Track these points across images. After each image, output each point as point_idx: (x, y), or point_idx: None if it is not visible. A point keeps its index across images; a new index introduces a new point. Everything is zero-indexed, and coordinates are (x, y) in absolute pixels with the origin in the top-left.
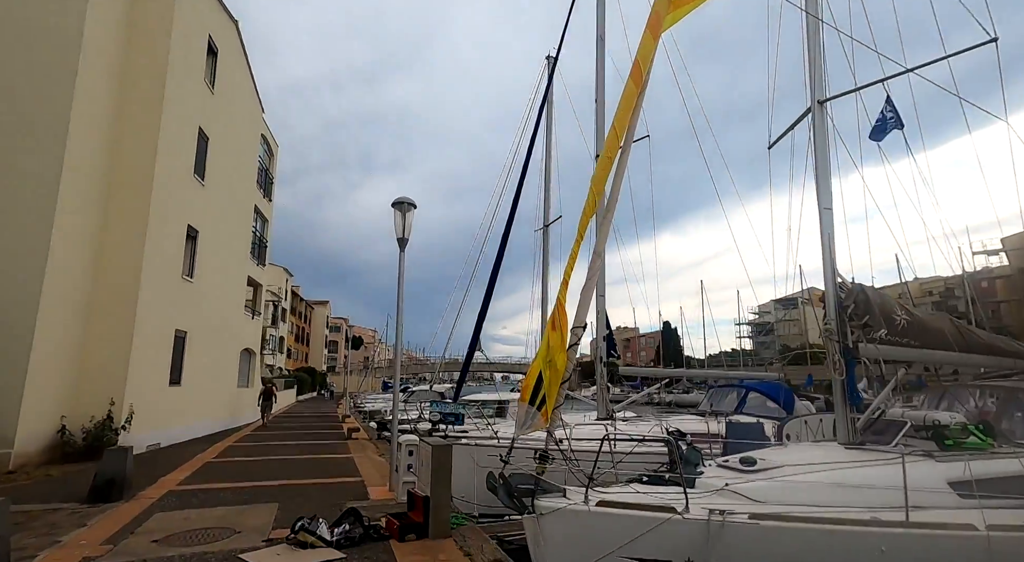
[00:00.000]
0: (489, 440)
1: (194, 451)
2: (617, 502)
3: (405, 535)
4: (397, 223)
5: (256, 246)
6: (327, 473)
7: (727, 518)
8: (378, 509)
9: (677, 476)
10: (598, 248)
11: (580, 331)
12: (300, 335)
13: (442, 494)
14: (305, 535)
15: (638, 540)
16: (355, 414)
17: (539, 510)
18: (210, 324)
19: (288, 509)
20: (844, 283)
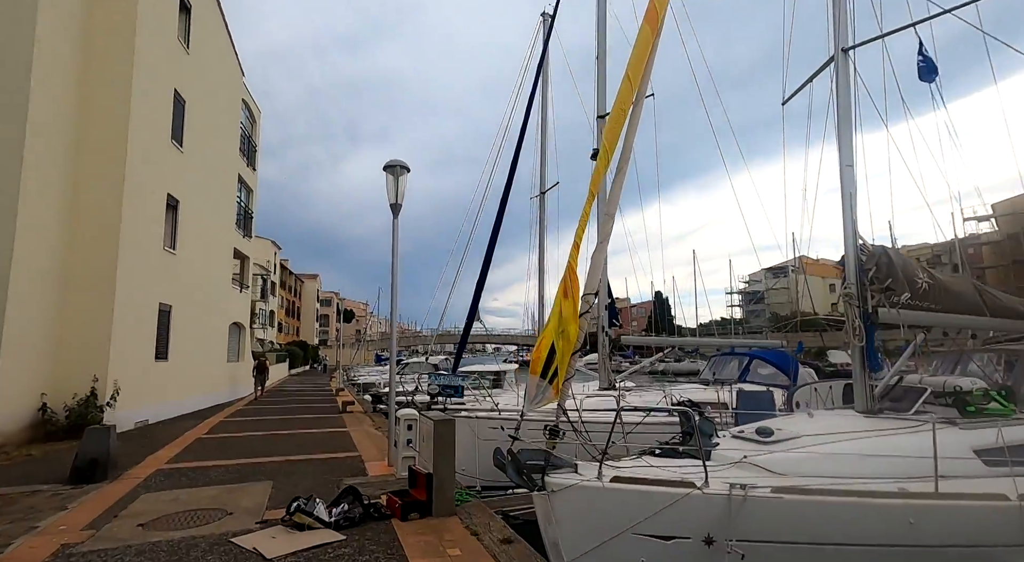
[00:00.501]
0: (489, 412)
1: (184, 427)
2: (632, 477)
3: (408, 514)
4: (390, 188)
5: (241, 217)
6: (323, 448)
7: (749, 492)
8: (377, 486)
9: (692, 448)
10: (610, 209)
11: (592, 298)
12: (291, 309)
13: (446, 471)
14: (301, 516)
15: (655, 517)
16: (349, 387)
17: (550, 487)
18: (196, 297)
19: (283, 487)
20: (865, 245)
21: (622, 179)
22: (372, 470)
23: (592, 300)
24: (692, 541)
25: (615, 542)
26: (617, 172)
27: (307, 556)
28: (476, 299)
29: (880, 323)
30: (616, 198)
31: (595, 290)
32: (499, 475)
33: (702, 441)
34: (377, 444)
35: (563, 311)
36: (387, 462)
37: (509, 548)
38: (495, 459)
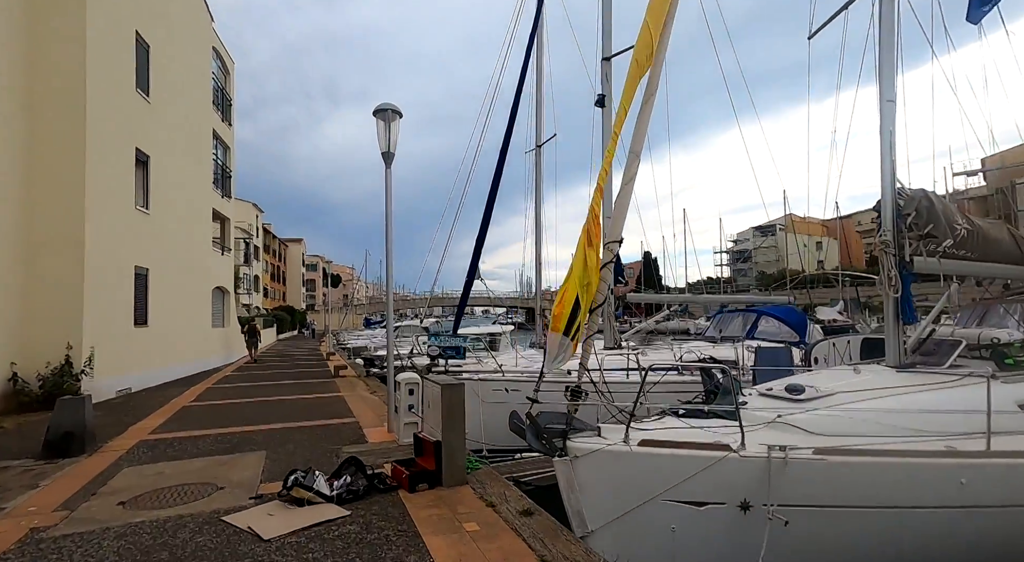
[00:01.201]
0: (493, 374)
1: (169, 395)
2: (662, 440)
3: (416, 485)
4: (380, 134)
5: (219, 176)
6: (317, 415)
7: (790, 454)
8: (380, 454)
9: (721, 408)
10: (635, 147)
11: (616, 246)
12: (276, 274)
13: (455, 438)
14: (300, 491)
15: (688, 482)
16: (340, 351)
17: (573, 452)
18: (175, 260)
19: (277, 458)
20: (903, 189)
21: (648, 115)
22: (372, 437)
23: (616, 249)
24: (727, 507)
25: (643, 509)
26: (643, 106)
27: (308, 535)
28: (476, 256)
29: (914, 273)
30: (642, 136)
31: (619, 238)
32: (507, 438)
33: (727, 401)
34: (374, 409)
35: (587, 260)
36: (387, 428)
37: (530, 521)
38: (511, 423)
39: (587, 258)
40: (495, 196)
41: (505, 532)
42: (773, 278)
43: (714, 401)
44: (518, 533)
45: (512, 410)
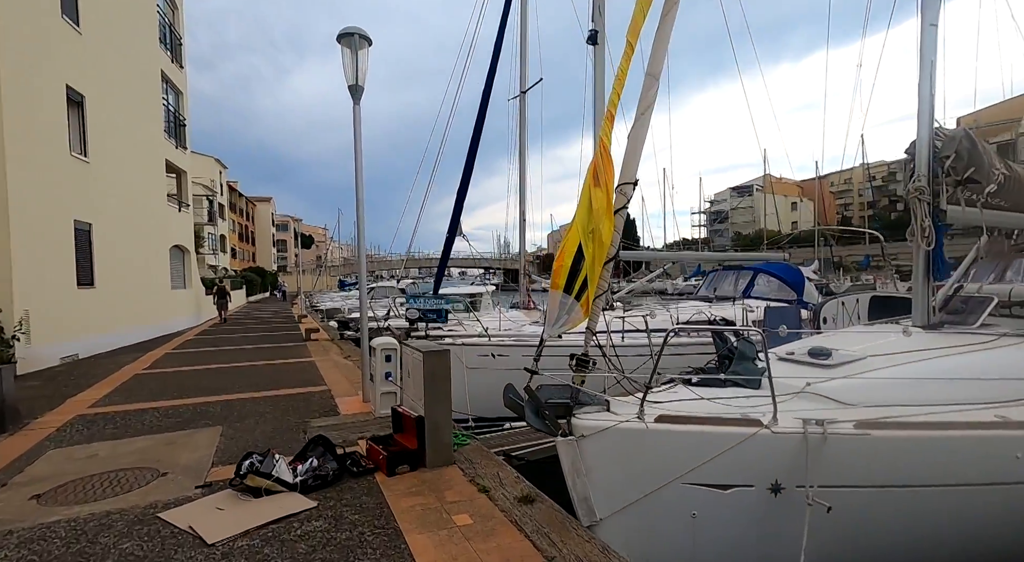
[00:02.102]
0: (478, 338)
1: (121, 362)
2: (682, 416)
3: (395, 467)
4: (347, 65)
5: (172, 124)
6: (285, 382)
7: (829, 429)
8: (353, 428)
9: (743, 377)
10: (653, 68)
11: (631, 190)
12: (244, 234)
13: (441, 412)
14: (256, 479)
15: (712, 462)
16: (312, 314)
17: (579, 430)
18: (124, 215)
19: (235, 435)
20: (942, 128)
21: (669, 29)
22: (345, 408)
23: (630, 192)
24: (756, 489)
25: (660, 494)
26: (663, 18)
27: (264, 536)
28: (457, 212)
29: (948, 224)
30: (661, 55)
31: (633, 179)
32: (494, 407)
33: (744, 367)
34: (348, 375)
35: (594, 203)
36: (362, 397)
37: (532, 510)
38: (506, 398)
39: (593, 200)
40: (477, 144)
41: (503, 526)
42: (749, 239)
43: (729, 367)
44: (519, 527)
45: (507, 383)
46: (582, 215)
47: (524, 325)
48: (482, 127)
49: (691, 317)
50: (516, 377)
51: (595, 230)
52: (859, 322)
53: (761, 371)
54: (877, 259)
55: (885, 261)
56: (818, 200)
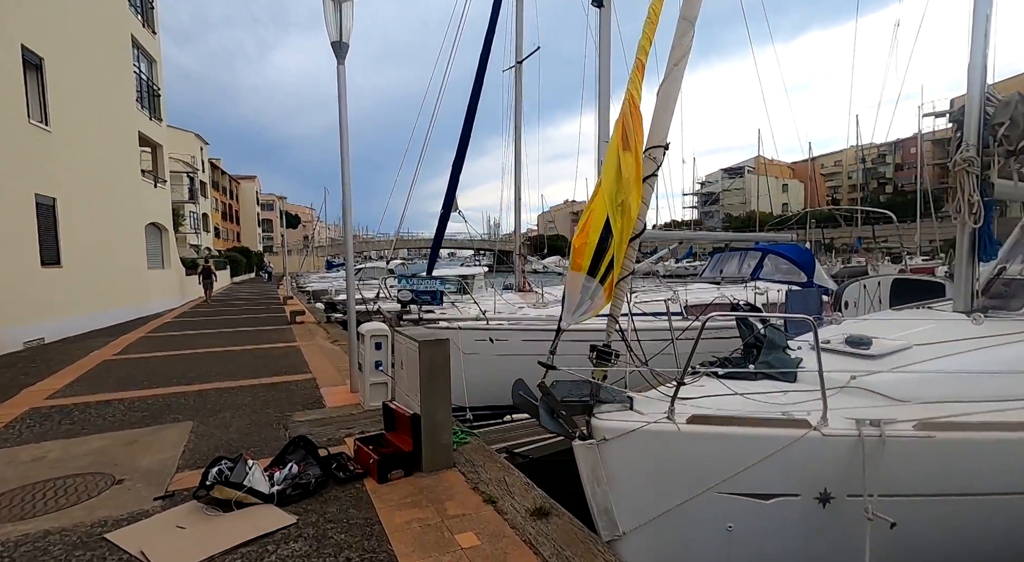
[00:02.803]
0: (475, 321)
1: (91, 346)
2: (718, 416)
3: (387, 472)
4: (330, 21)
5: (145, 94)
6: (267, 370)
7: (887, 430)
8: (340, 424)
9: (778, 369)
10: (689, 11)
11: (661, 154)
12: (228, 213)
13: (440, 410)
14: (225, 490)
15: (752, 469)
16: (298, 295)
17: (601, 433)
18: (92, 190)
19: (207, 432)
20: (994, 93)
21: None
22: (331, 399)
23: (660, 157)
24: (801, 499)
25: (691, 505)
26: None
27: None
28: (453, 185)
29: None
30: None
31: (664, 142)
32: (493, 396)
33: (776, 357)
34: (335, 362)
35: (624, 170)
36: (349, 387)
37: (547, 526)
38: (515, 394)
39: (622, 166)
40: (475, 111)
41: (516, 549)
42: (740, 221)
43: (756, 356)
44: (535, 549)
45: (516, 379)
46: (610, 184)
47: (521, 307)
48: (480, 92)
49: (711, 300)
50: (517, 364)
51: (624, 202)
52: (881, 306)
53: (796, 362)
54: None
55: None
56: (812, 181)
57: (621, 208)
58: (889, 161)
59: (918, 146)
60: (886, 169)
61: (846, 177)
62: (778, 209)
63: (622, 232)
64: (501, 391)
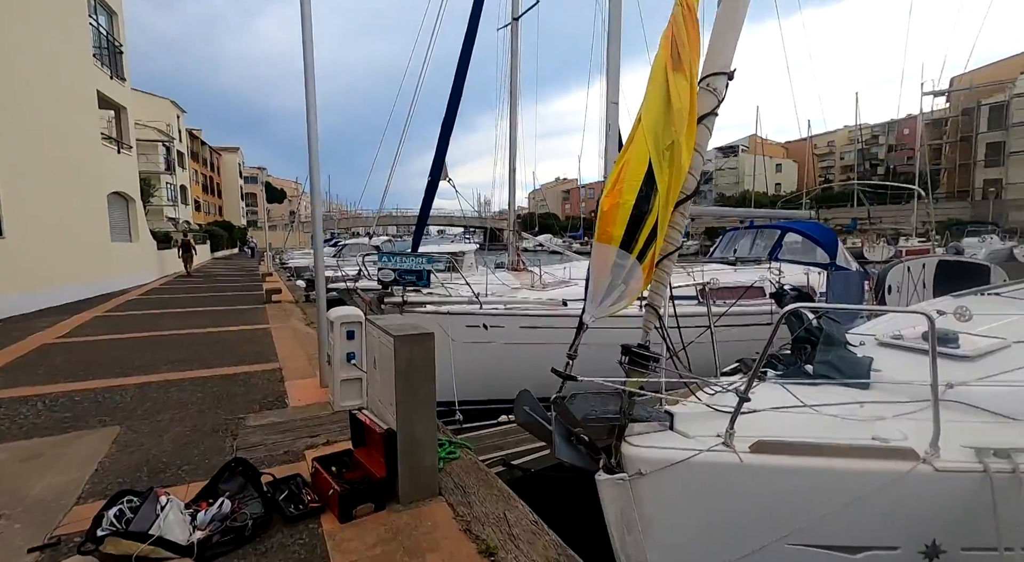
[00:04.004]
0: (467, 305)
1: (35, 327)
2: (790, 443)
3: (352, 508)
4: None
5: (105, 50)
6: (228, 357)
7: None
8: (303, 429)
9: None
10: None
11: (723, 86)
12: (209, 185)
13: (421, 425)
14: (122, 542)
15: (838, 514)
16: (280, 272)
17: (635, 464)
18: (39, 155)
19: (134, 441)
20: None
21: None
22: (296, 395)
23: (723, 89)
24: (901, 554)
25: (755, 560)
26: None
27: None
28: (441, 151)
29: None
30: None
31: (728, 68)
32: (483, 389)
33: (835, 354)
34: (307, 348)
35: (674, 99)
36: (319, 380)
37: None
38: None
39: (672, 93)
40: (466, 69)
41: None
42: (734, 200)
43: (811, 354)
44: None
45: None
46: (654, 118)
47: (515, 288)
48: (472, 47)
49: (749, 283)
50: (515, 354)
51: (674, 145)
52: (924, 291)
53: (868, 364)
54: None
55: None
56: (809, 158)
57: (670, 154)
58: (882, 142)
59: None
60: (879, 150)
61: (839, 158)
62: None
63: (669, 189)
64: (496, 384)
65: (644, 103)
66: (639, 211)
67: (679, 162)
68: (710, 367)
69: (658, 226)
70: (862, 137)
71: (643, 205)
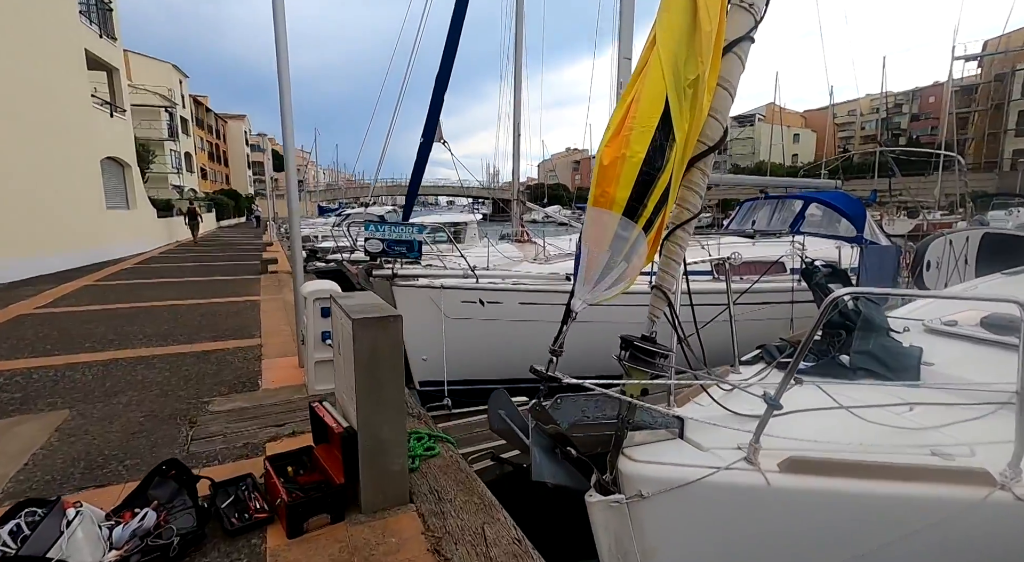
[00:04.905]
0: (462, 278)
1: (18, 296)
2: (830, 462)
3: (303, 520)
4: None
5: (93, 7)
6: (208, 332)
7: None
8: (271, 417)
9: (886, 364)
10: None
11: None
12: (215, 153)
13: (387, 425)
14: None
15: (889, 549)
16: (283, 241)
17: (635, 484)
18: (25, 116)
19: (80, 428)
20: None
21: None
22: (271, 376)
23: (763, 7)
24: None
25: None
26: None
27: None
28: (435, 109)
29: None
30: None
31: None
32: (477, 369)
33: (883, 343)
34: (294, 323)
35: (702, 20)
36: (299, 361)
37: None
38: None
39: (700, 9)
40: (463, 14)
41: None
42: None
43: (847, 342)
44: None
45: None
46: (675, 43)
47: (518, 261)
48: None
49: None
50: (512, 332)
51: (699, 80)
52: (967, 268)
53: (917, 354)
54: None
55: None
56: (830, 127)
57: (692, 92)
58: (906, 111)
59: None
60: (901, 120)
61: (859, 128)
62: (788, 160)
63: (688, 138)
64: (491, 365)
65: (661, 20)
66: (650, 168)
67: (700, 104)
68: (724, 356)
69: (671, 186)
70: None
71: (655, 159)
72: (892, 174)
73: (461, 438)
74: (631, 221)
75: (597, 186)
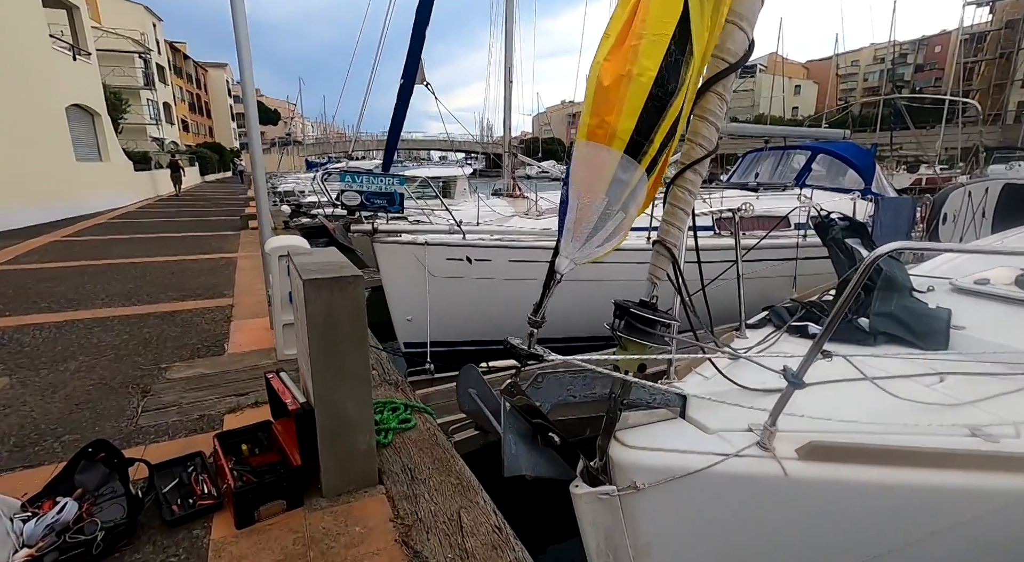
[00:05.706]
0: (448, 235)
1: None
2: (856, 448)
3: (254, 508)
4: None
5: None
6: (176, 290)
7: None
8: (233, 384)
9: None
10: None
11: None
12: (196, 104)
13: (350, 399)
14: None
15: (921, 547)
16: (268, 196)
17: (628, 473)
18: None
19: (18, 399)
20: None
21: None
22: (239, 339)
23: None
24: None
25: None
26: None
27: None
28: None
29: None
30: None
31: None
32: (463, 330)
33: (906, 304)
34: None
35: None
36: (271, 322)
37: None
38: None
39: None
40: None
41: None
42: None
43: (866, 303)
44: None
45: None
46: None
47: (510, 217)
48: None
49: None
50: (502, 293)
51: None
52: (985, 221)
53: (945, 316)
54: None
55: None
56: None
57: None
58: (911, 62)
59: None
60: (906, 70)
61: (862, 78)
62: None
63: (706, 52)
64: (480, 326)
65: None
66: (662, 90)
67: (717, 21)
68: (726, 318)
69: (681, 115)
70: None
71: (669, 80)
72: (896, 126)
73: (444, 405)
74: (634, 160)
75: (593, 114)
